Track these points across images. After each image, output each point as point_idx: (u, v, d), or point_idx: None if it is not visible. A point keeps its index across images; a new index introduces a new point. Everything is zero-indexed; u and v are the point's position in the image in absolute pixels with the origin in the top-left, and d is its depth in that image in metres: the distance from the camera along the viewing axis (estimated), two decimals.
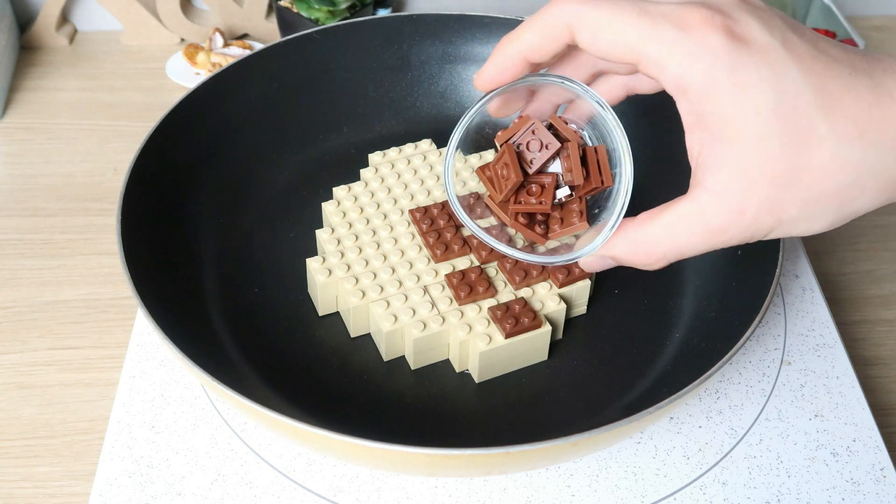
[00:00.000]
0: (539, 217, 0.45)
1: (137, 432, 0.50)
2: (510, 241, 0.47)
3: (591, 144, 0.44)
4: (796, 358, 0.55)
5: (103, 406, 0.54)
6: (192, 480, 0.48)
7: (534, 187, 0.44)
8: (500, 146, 0.44)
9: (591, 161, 0.43)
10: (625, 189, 0.41)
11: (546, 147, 0.42)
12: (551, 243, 0.46)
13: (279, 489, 0.48)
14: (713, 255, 0.55)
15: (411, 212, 0.55)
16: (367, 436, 0.39)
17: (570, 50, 0.40)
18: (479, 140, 0.45)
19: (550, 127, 0.44)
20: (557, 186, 0.44)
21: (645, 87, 0.44)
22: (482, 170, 0.45)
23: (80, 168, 0.72)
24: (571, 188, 0.44)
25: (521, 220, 0.44)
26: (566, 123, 0.44)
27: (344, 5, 0.78)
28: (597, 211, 0.44)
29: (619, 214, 0.41)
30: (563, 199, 0.44)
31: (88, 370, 0.57)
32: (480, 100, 0.42)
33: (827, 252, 0.67)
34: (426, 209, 0.55)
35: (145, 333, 0.55)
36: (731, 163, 0.35)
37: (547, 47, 0.38)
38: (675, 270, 0.57)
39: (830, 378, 0.54)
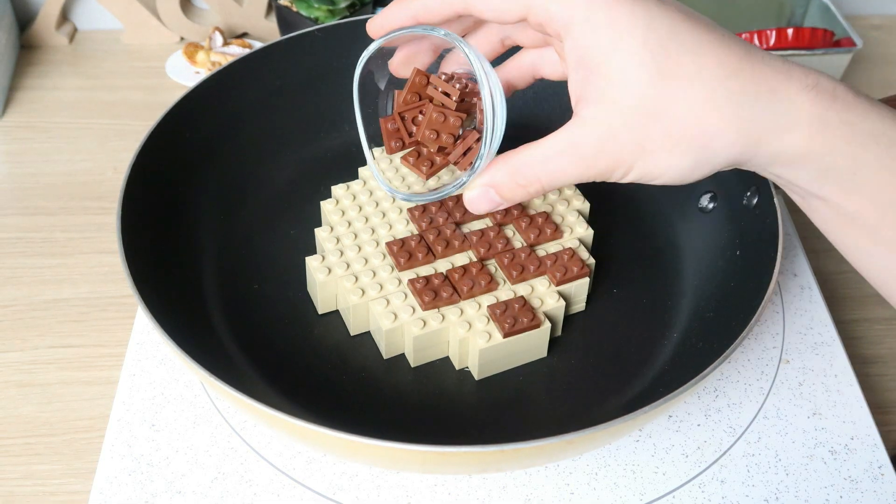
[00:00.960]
0: (425, 154, 0.47)
1: (138, 430, 0.50)
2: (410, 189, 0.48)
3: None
4: (795, 356, 0.55)
5: (103, 404, 0.54)
6: (192, 478, 0.48)
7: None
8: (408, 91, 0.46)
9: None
10: (491, 118, 0.42)
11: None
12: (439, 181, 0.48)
13: (279, 487, 0.48)
14: (712, 254, 0.56)
15: (409, 210, 0.55)
16: (366, 433, 0.40)
17: (477, 24, 0.45)
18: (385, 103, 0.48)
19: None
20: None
21: (548, 69, 0.47)
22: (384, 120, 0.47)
23: (80, 167, 0.72)
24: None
25: (409, 158, 0.46)
26: (451, 78, 0.46)
27: (343, 4, 0.78)
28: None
29: (491, 140, 0.42)
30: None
31: (89, 368, 0.57)
32: (369, 47, 0.45)
33: (825, 250, 0.67)
34: (424, 207, 0.55)
35: (145, 332, 0.55)
36: (602, 93, 0.38)
37: (440, 9, 0.42)
38: (675, 270, 0.58)
39: (829, 376, 0.54)
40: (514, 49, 0.47)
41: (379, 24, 0.44)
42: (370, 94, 0.47)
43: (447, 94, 0.44)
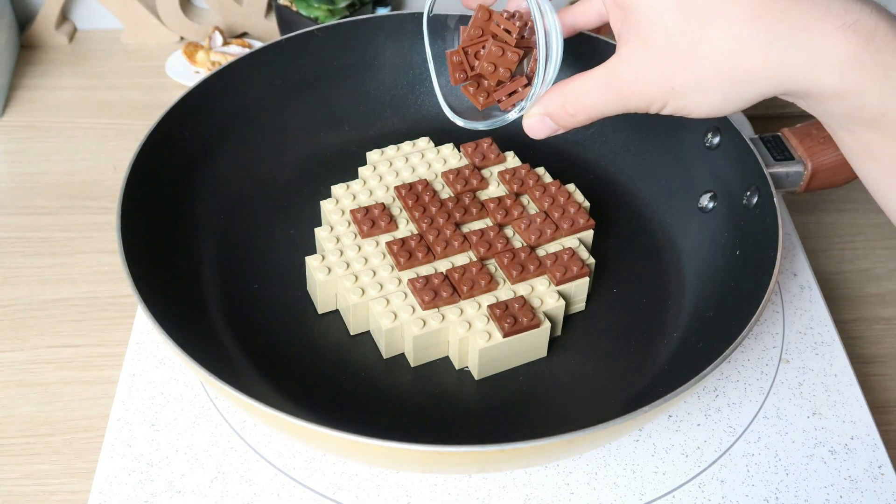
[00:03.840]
0: (484, 86, 0.48)
1: (137, 430, 0.50)
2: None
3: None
4: (794, 356, 0.55)
5: (103, 404, 0.54)
6: (192, 478, 0.48)
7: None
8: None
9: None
10: (545, 48, 0.43)
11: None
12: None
13: (279, 487, 0.48)
14: (712, 254, 0.56)
15: (409, 210, 0.55)
16: (366, 433, 0.40)
17: None
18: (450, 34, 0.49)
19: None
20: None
21: (590, 17, 0.48)
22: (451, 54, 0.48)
23: (80, 166, 0.72)
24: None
25: (469, 88, 0.47)
26: (512, 16, 0.47)
27: (343, 3, 0.78)
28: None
29: (545, 70, 0.44)
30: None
31: (88, 368, 0.57)
32: None
33: (825, 250, 0.67)
34: (425, 208, 0.55)
35: (145, 331, 0.55)
36: (637, 34, 0.40)
37: None
38: (675, 270, 0.58)
39: (828, 376, 0.54)
40: None
41: None
42: (440, 29, 0.49)
43: (507, 31, 0.46)
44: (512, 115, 0.46)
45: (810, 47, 0.37)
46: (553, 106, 0.44)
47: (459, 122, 0.48)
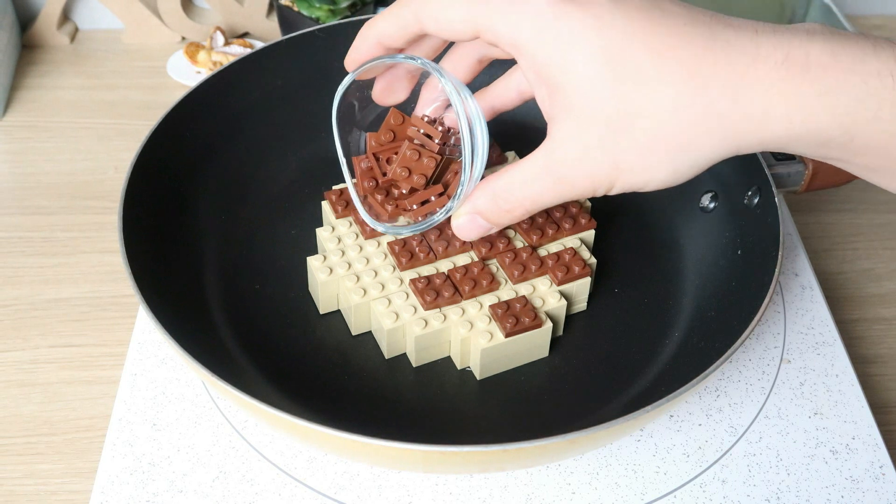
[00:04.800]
0: (392, 193, 0.46)
1: (139, 430, 0.50)
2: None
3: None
4: (796, 356, 0.55)
5: (105, 403, 0.54)
6: (194, 478, 0.48)
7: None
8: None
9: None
10: (470, 145, 0.41)
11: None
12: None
13: (280, 487, 0.48)
14: (713, 254, 0.56)
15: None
16: (368, 433, 0.40)
17: (454, 44, 0.45)
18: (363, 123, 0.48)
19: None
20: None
21: (510, 96, 0.46)
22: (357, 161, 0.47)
23: (82, 166, 0.72)
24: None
25: (375, 196, 0.46)
26: (434, 121, 0.46)
27: (344, 4, 0.78)
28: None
29: (472, 167, 0.42)
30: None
31: (90, 368, 0.57)
32: (343, 81, 0.45)
33: (826, 250, 0.67)
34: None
35: (147, 331, 0.55)
36: (568, 111, 0.37)
37: (398, 34, 0.41)
38: (676, 269, 0.58)
39: (830, 376, 0.54)
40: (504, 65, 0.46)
41: (352, 59, 0.44)
42: (352, 124, 0.47)
43: (427, 136, 0.44)
44: (439, 217, 0.44)
45: (749, 99, 0.34)
46: (484, 203, 0.41)
47: (380, 227, 0.46)
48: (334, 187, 0.57)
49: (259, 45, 0.84)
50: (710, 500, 0.48)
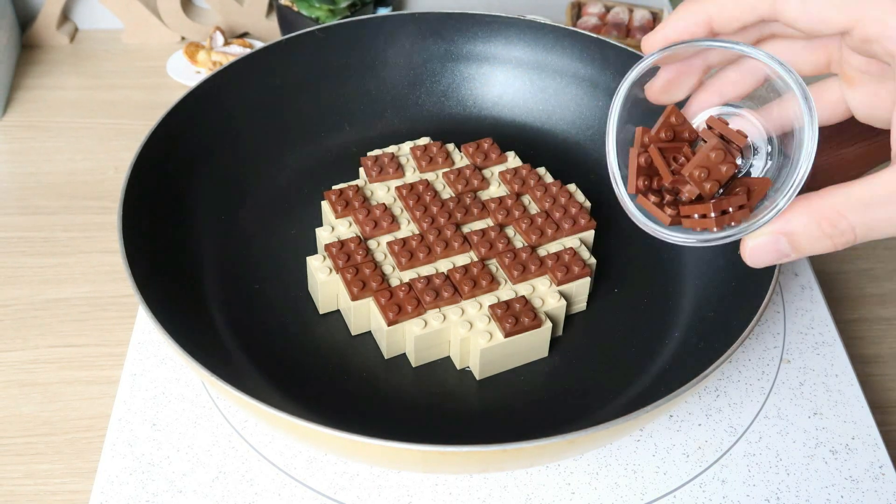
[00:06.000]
0: (668, 197, 0.38)
1: (139, 430, 0.50)
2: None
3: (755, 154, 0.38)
4: (795, 356, 0.55)
5: (104, 403, 0.54)
6: (194, 478, 0.48)
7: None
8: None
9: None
10: (804, 156, 0.34)
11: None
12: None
13: (280, 487, 0.48)
14: (713, 253, 0.56)
15: (410, 210, 0.55)
16: (367, 433, 0.40)
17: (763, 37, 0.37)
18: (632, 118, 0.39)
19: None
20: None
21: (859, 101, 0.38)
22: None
23: (81, 166, 0.72)
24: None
25: (652, 197, 0.38)
26: (727, 124, 0.38)
27: (344, 4, 0.78)
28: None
29: (799, 176, 0.34)
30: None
31: (90, 368, 0.57)
32: (640, 62, 0.37)
33: None
34: (426, 208, 0.55)
35: (146, 331, 0.55)
36: None
37: (741, 16, 0.35)
38: (675, 269, 0.58)
39: (829, 376, 0.54)
40: None
41: (663, 36, 0.37)
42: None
43: (728, 140, 0.37)
44: (734, 232, 0.36)
45: None
46: (800, 224, 0.33)
47: (664, 234, 0.37)
48: (334, 187, 0.57)
49: (259, 45, 0.84)
50: (710, 500, 0.48)
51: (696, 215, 0.37)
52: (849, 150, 0.49)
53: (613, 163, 0.39)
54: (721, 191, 0.37)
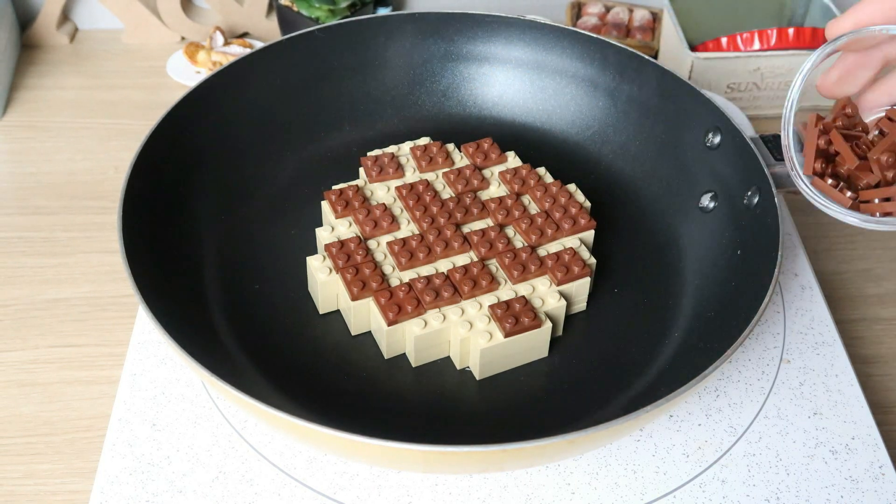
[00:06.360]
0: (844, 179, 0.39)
1: (139, 430, 0.50)
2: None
3: None
4: (795, 356, 0.55)
5: (104, 404, 0.54)
6: (193, 478, 0.48)
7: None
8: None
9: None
10: None
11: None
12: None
13: (280, 487, 0.48)
14: (713, 254, 0.56)
15: (410, 210, 0.55)
16: (367, 433, 0.40)
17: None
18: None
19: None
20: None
21: None
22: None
23: (81, 166, 0.72)
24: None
25: (829, 180, 0.39)
26: None
27: (344, 4, 0.78)
28: None
29: None
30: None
31: (90, 368, 0.57)
32: (826, 44, 0.36)
33: (826, 250, 0.67)
34: (426, 208, 0.55)
35: (146, 331, 0.55)
36: None
37: None
38: (675, 269, 0.58)
39: (829, 376, 0.54)
40: None
41: (853, 19, 0.35)
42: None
43: None
44: None
45: None
46: None
47: (842, 215, 0.38)
48: (334, 187, 0.57)
49: (259, 45, 0.84)
50: (710, 500, 0.48)
51: (876, 200, 0.37)
52: None
53: (790, 143, 0.39)
54: None
